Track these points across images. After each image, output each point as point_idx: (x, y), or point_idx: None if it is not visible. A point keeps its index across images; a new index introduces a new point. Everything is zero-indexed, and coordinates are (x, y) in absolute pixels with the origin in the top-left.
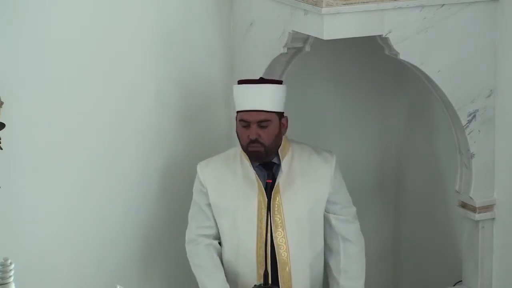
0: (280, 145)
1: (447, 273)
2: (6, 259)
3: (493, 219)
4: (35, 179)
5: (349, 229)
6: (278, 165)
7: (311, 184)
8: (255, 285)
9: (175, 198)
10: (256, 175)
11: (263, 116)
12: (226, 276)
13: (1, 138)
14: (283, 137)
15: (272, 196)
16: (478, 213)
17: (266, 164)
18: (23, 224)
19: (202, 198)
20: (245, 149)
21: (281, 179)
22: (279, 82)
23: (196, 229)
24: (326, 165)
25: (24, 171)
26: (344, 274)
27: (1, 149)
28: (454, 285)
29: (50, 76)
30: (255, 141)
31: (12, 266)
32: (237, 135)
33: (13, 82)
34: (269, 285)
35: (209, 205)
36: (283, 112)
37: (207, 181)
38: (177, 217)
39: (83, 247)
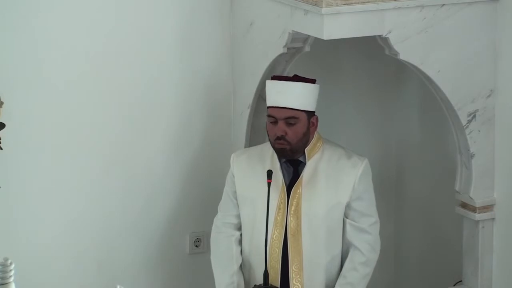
0: (307, 143)
1: (447, 273)
2: (6, 259)
3: (493, 219)
4: (35, 179)
5: (361, 238)
6: (304, 164)
7: (333, 186)
8: (255, 285)
9: (175, 198)
10: (282, 172)
11: (289, 114)
12: (242, 265)
13: (1, 138)
14: (316, 136)
15: (291, 194)
16: (478, 213)
17: (293, 162)
18: (23, 224)
19: (231, 186)
20: (272, 145)
21: (304, 178)
22: (312, 81)
23: (223, 217)
24: (352, 170)
25: (24, 171)
26: (342, 280)
27: (1, 149)
28: (454, 285)
29: (50, 76)
30: (281, 138)
31: (12, 266)
32: (267, 131)
33: (13, 82)
34: (269, 285)
35: (235, 193)
36: (313, 112)
37: (236, 170)
38: (177, 218)
39: (83, 247)
